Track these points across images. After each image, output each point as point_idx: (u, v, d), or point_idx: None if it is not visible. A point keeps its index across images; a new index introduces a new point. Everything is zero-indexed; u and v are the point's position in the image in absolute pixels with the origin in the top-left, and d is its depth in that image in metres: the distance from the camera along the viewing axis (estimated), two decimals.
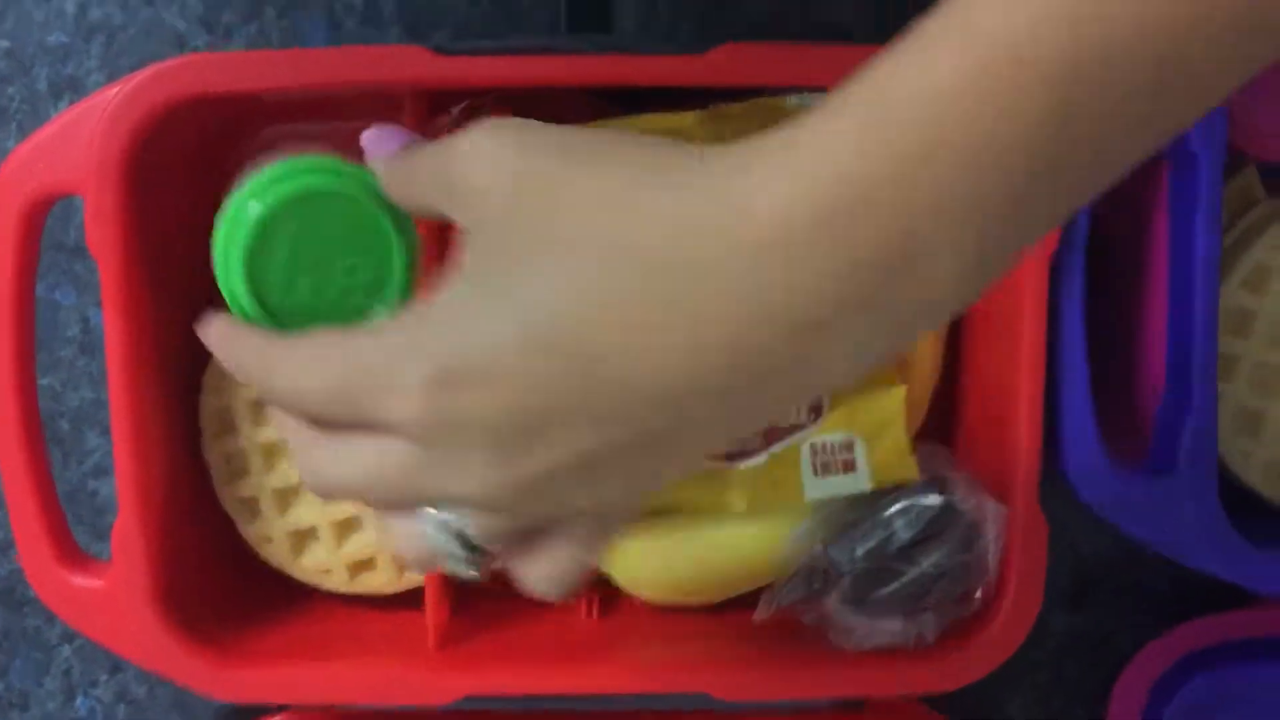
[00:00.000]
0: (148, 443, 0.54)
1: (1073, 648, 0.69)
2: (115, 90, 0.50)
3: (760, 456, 0.56)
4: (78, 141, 0.51)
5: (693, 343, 0.30)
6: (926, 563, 0.55)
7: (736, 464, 0.56)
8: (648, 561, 0.58)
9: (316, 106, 0.57)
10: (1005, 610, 0.54)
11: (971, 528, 0.54)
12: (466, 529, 0.34)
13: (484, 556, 0.35)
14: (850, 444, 0.56)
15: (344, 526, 0.59)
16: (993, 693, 0.67)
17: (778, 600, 0.57)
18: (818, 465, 0.56)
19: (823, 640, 0.56)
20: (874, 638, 0.55)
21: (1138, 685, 0.61)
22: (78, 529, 0.65)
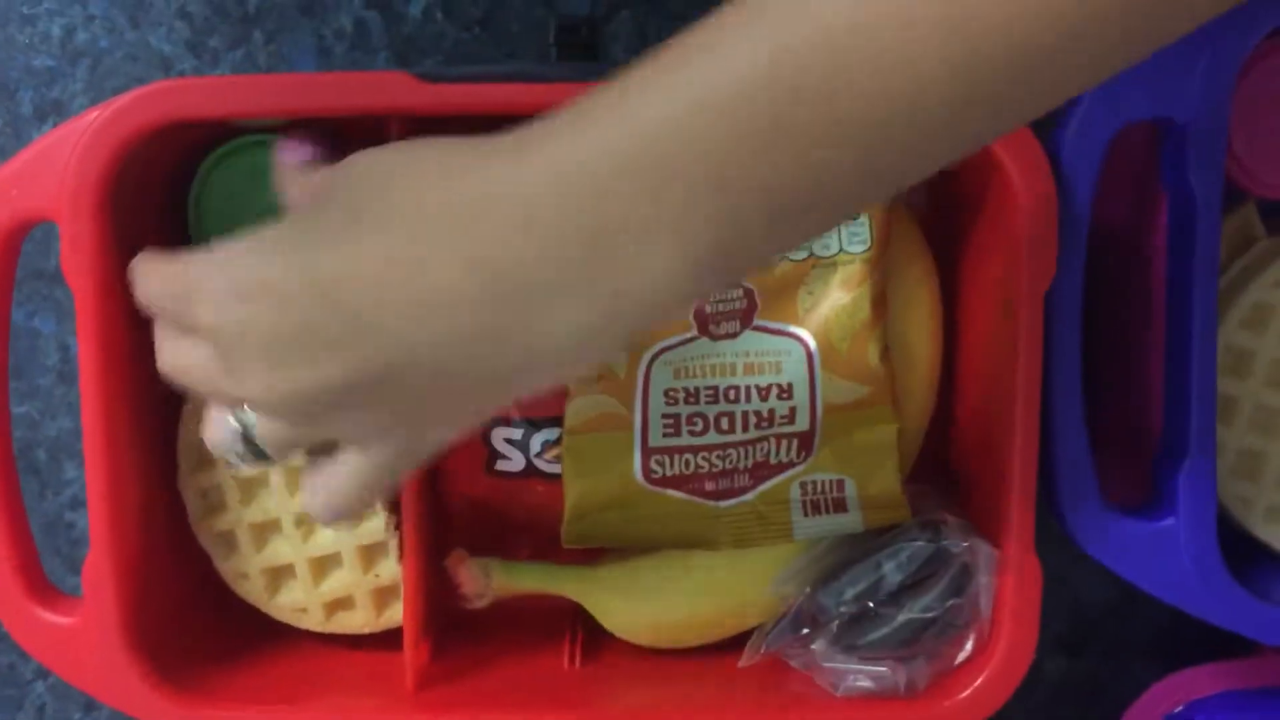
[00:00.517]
0: (122, 476, 0.53)
1: (1069, 694, 0.67)
2: (93, 115, 0.49)
3: (749, 495, 0.55)
4: (54, 167, 0.50)
5: (429, 299, 0.35)
6: (917, 607, 0.53)
7: (724, 501, 0.55)
8: (632, 603, 0.57)
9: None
10: (998, 656, 0.52)
11: (963, 571, 0.53)
12: (253, 430, 0.40)
13: (263, 459, 0.41)
14: (841, 483, 0.55)
15: (322, 564, 0.57)
16: None
17: (765, 644, 0.55)
18: (808, 504, 0.55)
19: (811, 685, 0.54)
20: (863, 683, 0.53)
21: None
22: (54, 561, 0.64)
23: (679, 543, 0.55)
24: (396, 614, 0.57)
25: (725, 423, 0.54)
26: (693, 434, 0.54)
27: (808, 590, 0.55)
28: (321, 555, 0.57)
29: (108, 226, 0.50)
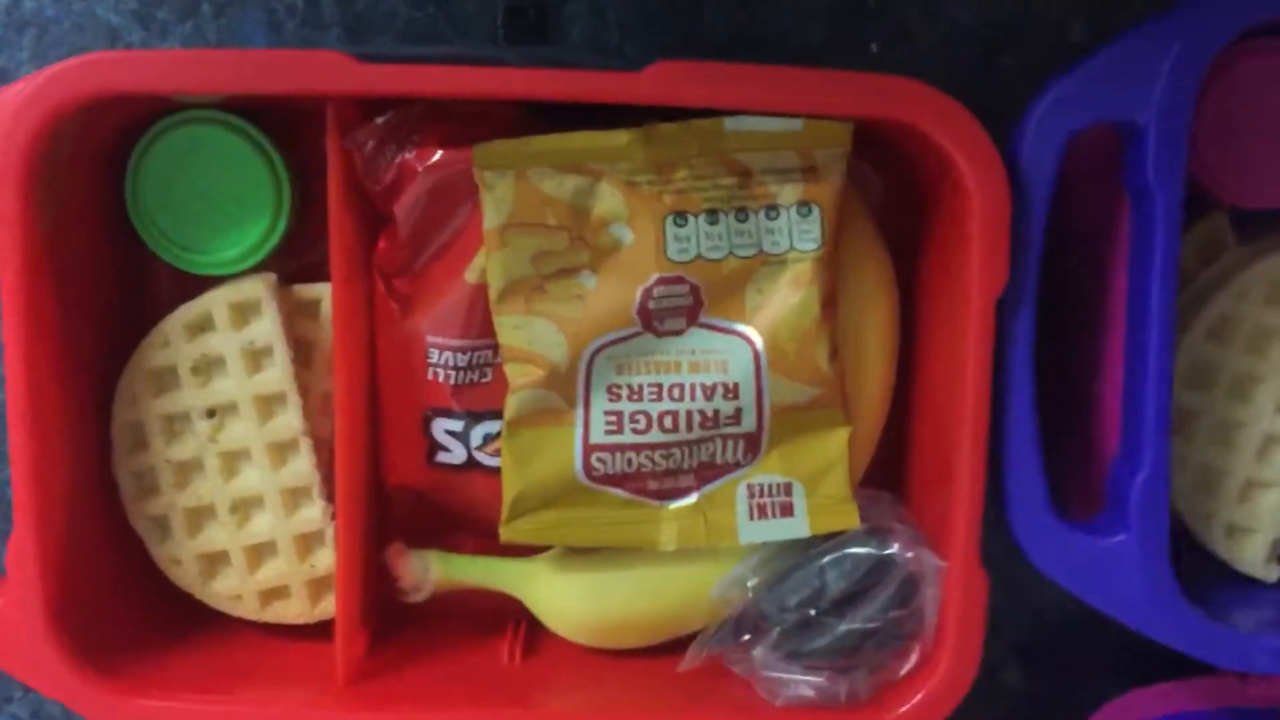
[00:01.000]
0: (48, 456, 0.51)
1: (1027, 708, 0.66)
2: (19, 87, 0.48)
3: (692, 496, 0.53)
4: None
5: None
6: (859, 616, 0.52)
7: (668, 503, 0.53)
8: (572, 602, 0.56)
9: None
10: (941, 670, 0.51)
11: (909, 582, 0.52)
12: None
13: None
14: (789, 486, 0.53)
15: (257, 552, 0.56)
16: None
17: (705, 649, 0.54)
18: (754, 508, 0.53)
19: (751, 693, 0.53)
20: (803, 692, 0.52)
21: None
22: None
23: (620, 542, 0.54)
24: (333, 605, 0.56)
25: (669, 421, 0.52)
26: (636, 432, 0.52)
27: (750, 595, 0.53)
28: (257, 543, 0.56)
29: (35, 202, 0.49)
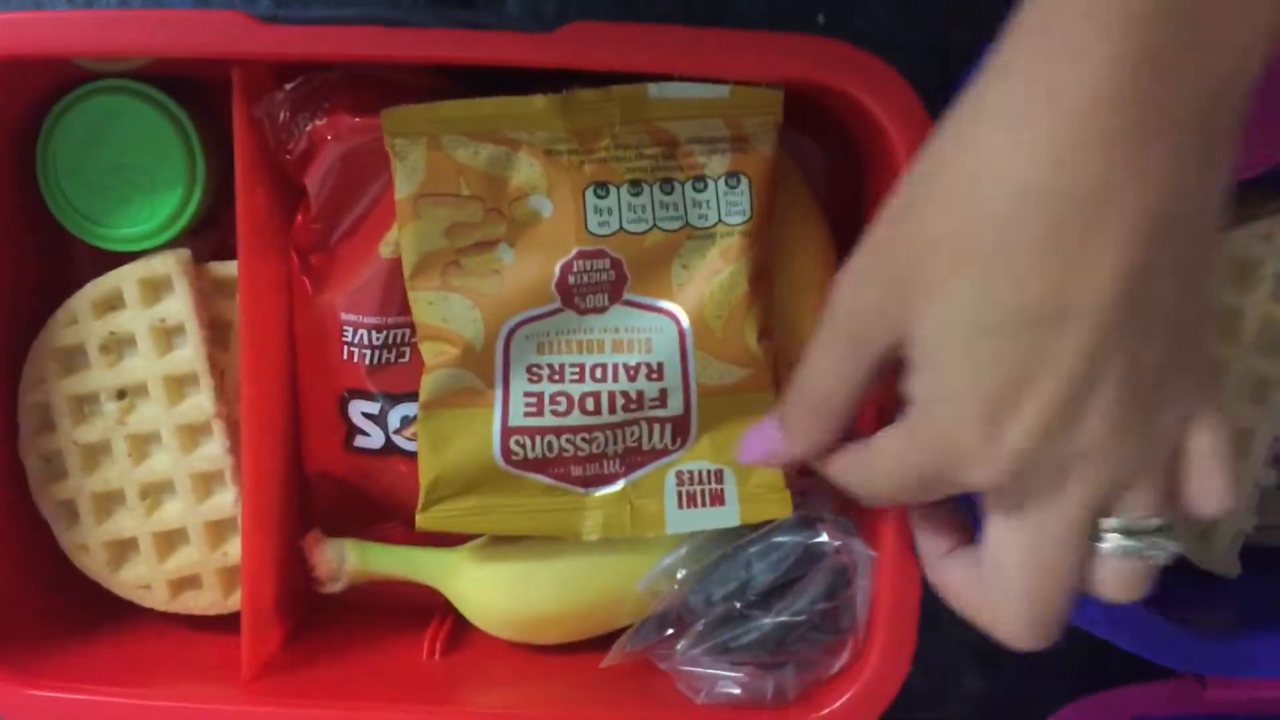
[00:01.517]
0: None
1: (987, 711, 0.63)
2: None
3: (619, 483, 0.51)
4: None
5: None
6: (788, 609, 0.49)
7: (593, 490, 0.51)
8: (492, 594, 0.53)
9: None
10: (870, 667, 0.48)
11: (839, 574, 0.49)
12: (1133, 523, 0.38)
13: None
14: (720, 473, 0.51)
15: (168, 539, 0.54)
16: None
17: (629, 644, 0.51)
18: (683, 495, 0.51)
19: (676, 690, 0.50)
20: (728, 689, 0.49)
21: None
22: None
23: (542, 531, 0.51)
24: None
25: (591, 403, 0.49)
26: (556, 414, 0.50)
27: (677, 587, 0.51)
28: (167, 530, 0.54)
29: None
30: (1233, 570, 0.54)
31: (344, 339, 0.52)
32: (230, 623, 0.54)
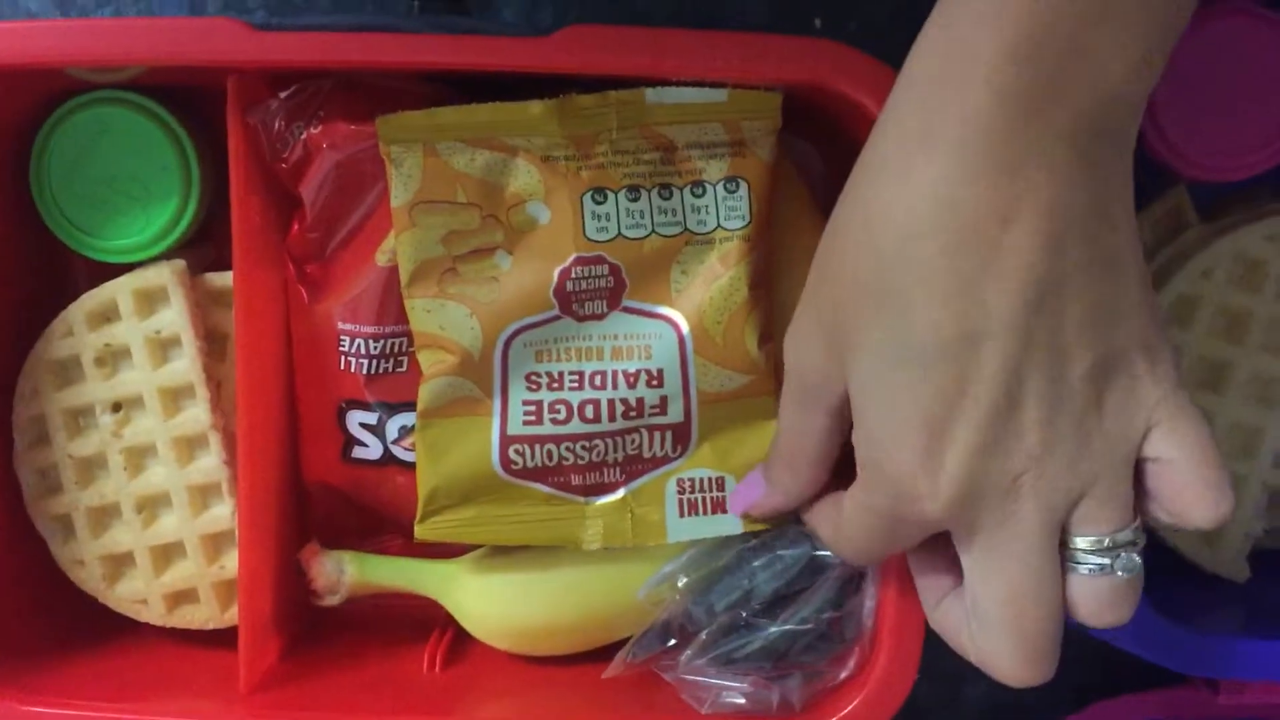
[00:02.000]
0: None
1: None
2: None
3: (620, 491, 0.50)
4: None
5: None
6: (793, 619, 0.49)
7: (593, 499, 0.50)
8: (491, 606, 0.52)
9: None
10: (876, 676, 0.47)
11: (844, 584, 0.48)
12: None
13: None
14: (722, 481, 0.50)
15: (164, 553, 0.53)
16: None
17: (631, 655, 0.50)
18: (684, 504, 0.50)
19: (679, 701, 0.50)
20: (733, 699, 0.49)
21: None
22: None
23: (542, 540, 0.50)
24: None
25: (590, 411, 0.49)
26: (555, 422, 0.49)
27: (679, 596, 0.50)
28: (164, 544, 0.53)
29: None
30: (1241, 574, 0.53)
31: (341, 349, 0.51)
32: (228, 637, 0.54)
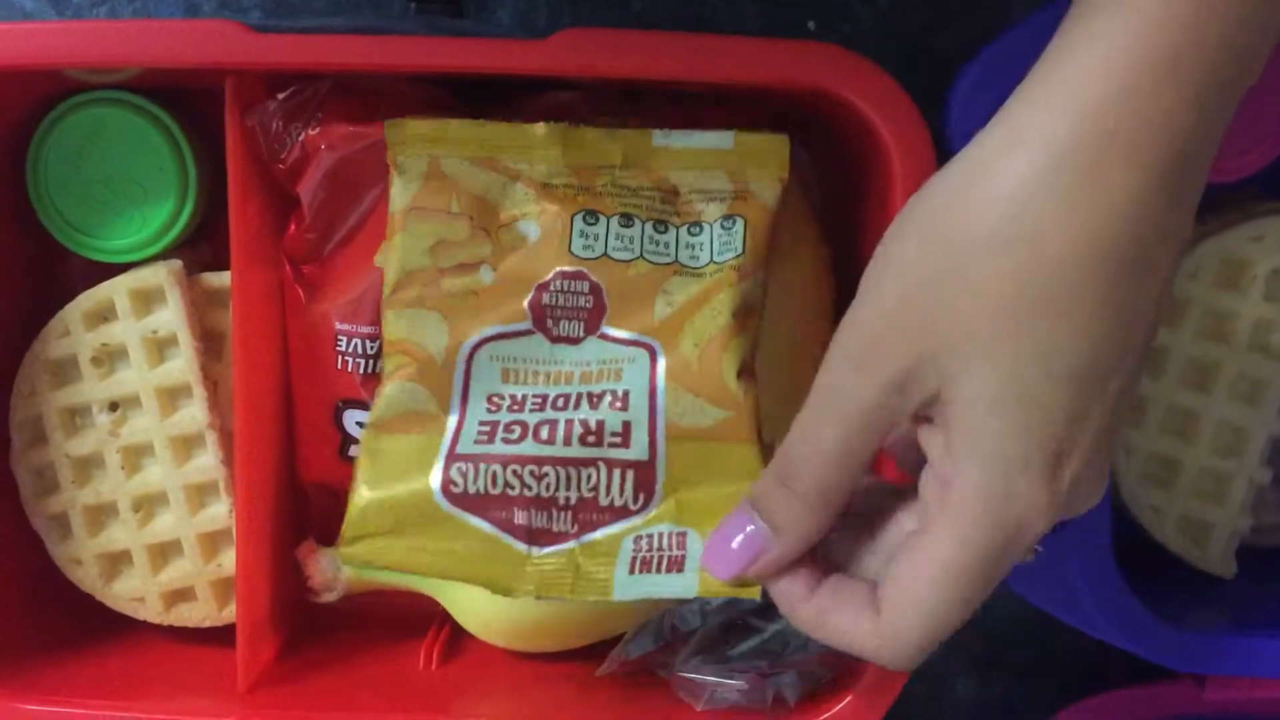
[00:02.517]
0: None
1: (984, 716, 0.63)
2: None
3: (568, 543, 0.45)
4: None
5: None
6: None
7: (536, 549, 0.45)
8: (486, 601, 0.52)
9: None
10: (871, 671, 0.48)
11: None
12: None
13: None
14: (683, 538, 0.45)
15: (161, 551, 0.54)
16: None
17: (625, 652, 0.51)
18: (637, 561, 0.45)
19: (674, 699, 0.50)
20: (727, 696, 0.49)
21: None
22: None
23: (476, 583, 0.45)
24: None
25: (546, 431, 0.45)
26: (507, 441, 0.45)
27: None
28: (161, 542, 0.53)
29: None
30: (1229, 571, 0.54)
31: (338, 348, 0.51)
32: (225, 635, 0.54)
